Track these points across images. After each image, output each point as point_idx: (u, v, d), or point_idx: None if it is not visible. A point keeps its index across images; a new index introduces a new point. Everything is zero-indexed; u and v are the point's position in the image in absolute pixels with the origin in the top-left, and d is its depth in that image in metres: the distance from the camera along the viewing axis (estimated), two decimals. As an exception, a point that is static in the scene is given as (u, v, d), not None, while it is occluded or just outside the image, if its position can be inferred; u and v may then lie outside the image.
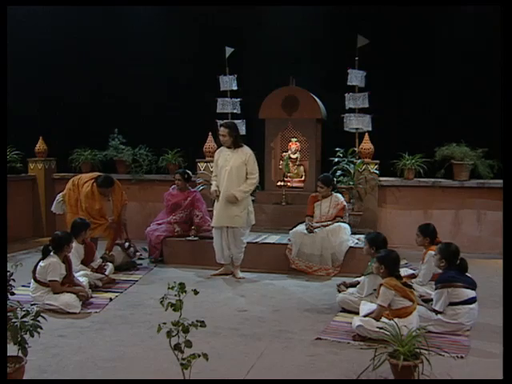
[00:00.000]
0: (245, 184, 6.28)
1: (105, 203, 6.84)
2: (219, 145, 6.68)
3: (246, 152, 6.34)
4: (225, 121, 7.41)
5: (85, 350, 4.16)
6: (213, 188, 6.43)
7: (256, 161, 6.43)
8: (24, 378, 3.41)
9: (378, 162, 7.89)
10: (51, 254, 5.21)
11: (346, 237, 6.62)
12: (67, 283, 5.23)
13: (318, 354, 4.11)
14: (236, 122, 8.18)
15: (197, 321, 3.13)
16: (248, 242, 6.78)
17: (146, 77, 9.23)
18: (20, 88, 8.92)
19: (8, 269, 4.15)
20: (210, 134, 8.32)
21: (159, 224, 7.36)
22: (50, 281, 5.10)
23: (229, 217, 6.26)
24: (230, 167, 6.26)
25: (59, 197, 7.05)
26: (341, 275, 6.38)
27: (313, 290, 5.95)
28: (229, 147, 6.34)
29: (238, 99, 8.44)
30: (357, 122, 7.85)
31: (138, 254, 7.26)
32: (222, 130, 6.35)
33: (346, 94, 7.88)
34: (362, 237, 6.11)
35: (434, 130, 8.13)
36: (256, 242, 6.94)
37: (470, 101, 8.06)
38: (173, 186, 7.56)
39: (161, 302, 3.12)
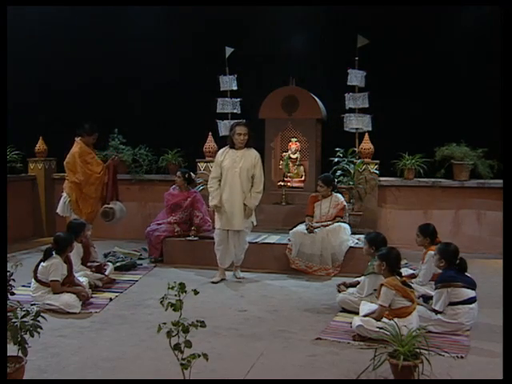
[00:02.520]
0: (254, 195, 6.21)
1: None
2: (220, 145, 6.63)
3: (255, 154, 6.26)
4: (240, 120, 7.22)
5: (85, 350, 4.16)
6: (214, 202, 6.20)
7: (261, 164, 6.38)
8: (24, 378, 3.41)
9: (377, 161, 7.89)
10: (53, 254, 5.21)
11: (345, 237, 6.62)
12: (67, 283, 5.23)
13: (317, 354, 4.11)
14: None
15: (197, 321, 3.13)
16: (248, 242, 6.78)
17: (145, 77, 9.23)
18: (20, 88, 8.92)
19: (8, 269, 4.16)
20: (209, 134, 8.33)
21: (159, 224, 7.36)
22: (51, 281, 5.11)
23: (242, 220, 6.21)
24: (239, 169, 6.14)
25: (66, 196, 7.01)
26: (341, 275, 6.38)
27: (313, 290, 5.95)
28: (239, 148, 6.20)
29: (238, 99, 8.45)
30: (357, 122, 7.86)
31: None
32: (243, 129, 6.18)
33: (346, 94, 7.88)
34: (361, 237, 6.11)
35: (434, 130, 8.13)
36: (256, 242, 6.93)
37: (470, 101, 8.05)
38: (173, 186, 7.57)
39: (161, 302, 3.13)
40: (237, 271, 6.46)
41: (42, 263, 5.18)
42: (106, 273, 6.09)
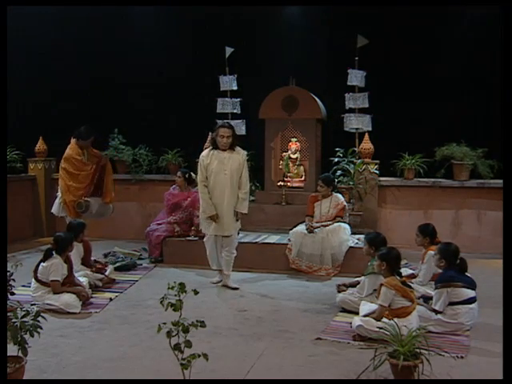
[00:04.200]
0: (243, 196, 5.94)
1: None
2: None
3: (243, 154, 6.03)
4: (223, 121, 7.19)
5: (85, 350, 4.16)
6: (211, 212, 5.85)
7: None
8: (24, 378, 3.41)
9: (377, 162, 7.89)
10: (53, 254, 5.21)
11: (345, 237, 6.62)
12: (68, 283, 5.23)
13: (317, 354, 4.11)
14: (236, 122, 8.22)
15: (197, 321, 3.13)
16: (248, 242, 6.80)
17: (145, 77, 9.23)
18: (20, 88, 8.92)
19: (8, 269, 4.15)
20: (209, 133, 8.32)
21: (159, 224, 7.36)
22: (51, 281, 5.10)
23: (233, 225, 6.01)
24: (229, 171, 5.87)
25: (59, 198, 7.06)
26: (341, 275, 6.38)
27: (313, 290, 5.95)
28: (224, 149, 5.93)
29: (238, 99, 8.45)
30: (357, 122, 7.85)
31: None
32: (227, 131, 5.88)
33: (346, 94, 7.88)
34: (361, 237, 6.10)
35: (434, 130, 8.13)
36: (256, 242, 6.94)
37: (470, 101, 8.05)
38: (173, 186, 7.57)
39: (161, 302, 3.13)
40: (228, 280, 6.06)
41: (42, 263, 5.18)
42: (106, 273, 6.09)
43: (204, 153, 6.09)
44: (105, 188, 7.20)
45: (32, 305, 4.85)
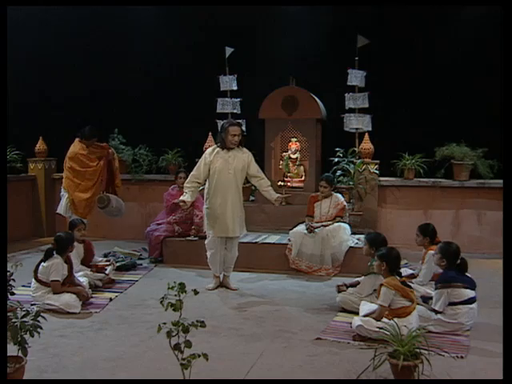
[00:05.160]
0: (270, 189, 5.94)
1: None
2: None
3: (248, 153, 5.94)
4: (230, 120, 7.05)
5: (85, 350, 4.16)
6: (185, 198, 5.75)
7: None
8: (24, 378, 3.41)
9: (377, 162, 7.89)
10: (54, 254, 5.21)
11: (345, 237, 6.62)
12: (68, 283, 5.23)
13: (318, 354, 4.11)
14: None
15: (197, 321, 3.12)
16: (248, 242, 6.80)
17: (145, 77, 9.24)
18: (20, 88, 8.92)
19: (8, 269, 4.15)
20: (210, 134, 8.33)
21: (159, 224, 7.36)
22: (52, 281, 5.10)
23: (240, 225, 5.94)
24: (233, 170, 5.78)
25: (68, 197, 7.09)
26: (341, 275, 6.39)
27: (313, 290, 5.95)
28: (230, 148, 5.85)
29: (238, 99, 8.45)
30: (357, 122, 7.86)
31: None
32: (237, 130, 5.79)
33: (346, 94, 7.88)
34: (361, 237, 6.11)
35: (434, 130, 8.13)
36: (256, 242, 6.94)
37: (470, 101, 8.06)
38: (173, 186, 7.56)
39: (161, 302, 3.12)
40: (229, 281, 6.03)
41: (42, 263, 5.18)
42: (107, 271, 6.08)
43: (208, 150, 5.99)
44: (116, 183, 7.27)
45: (32, 305, 4.87)
